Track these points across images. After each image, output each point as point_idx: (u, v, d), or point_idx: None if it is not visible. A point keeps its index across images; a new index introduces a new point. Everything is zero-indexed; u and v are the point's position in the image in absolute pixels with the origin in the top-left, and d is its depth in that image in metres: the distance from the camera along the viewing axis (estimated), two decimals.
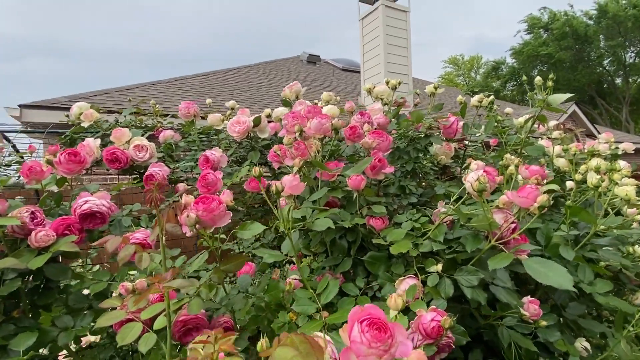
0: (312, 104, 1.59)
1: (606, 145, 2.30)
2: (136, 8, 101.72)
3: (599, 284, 1.03)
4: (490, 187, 0.76)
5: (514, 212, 0.72)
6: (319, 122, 0.87)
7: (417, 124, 1.10)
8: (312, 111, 1.07)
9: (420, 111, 1.15)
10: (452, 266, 0.75)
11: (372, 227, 0.84)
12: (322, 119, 0.86)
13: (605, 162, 1.10)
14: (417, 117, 1.07)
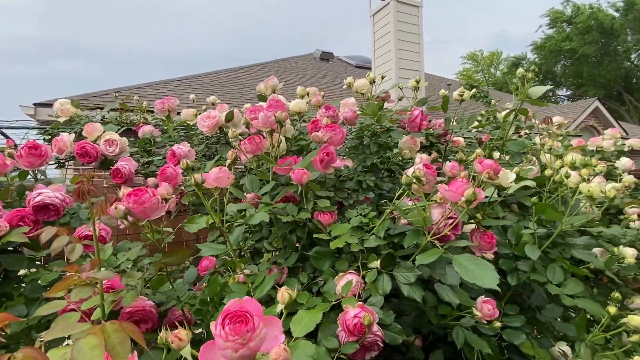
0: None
1: (611, 142, 2.19)
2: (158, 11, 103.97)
3: (570, 285, 0.97)
4: (429, 180, 0.73)
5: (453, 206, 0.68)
6: (265, 115, 0.85)
7: (374, 117, 1.06)
8: (274, 105, 1.05)
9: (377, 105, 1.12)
10: (391, 262, 0.73)
11: (319, 221, 0.83)
12: (268, 112, 0.85)
13: (581, 157, 1.04)
14: (373, 111, 1.04)
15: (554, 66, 22.71)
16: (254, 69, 9.25)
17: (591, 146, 2.20)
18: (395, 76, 7.69)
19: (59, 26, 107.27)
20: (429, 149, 1.43)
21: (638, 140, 2.20)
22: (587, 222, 0.92)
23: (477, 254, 1.02)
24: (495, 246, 1.03)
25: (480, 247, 1.02)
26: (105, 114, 1.76)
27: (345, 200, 0.94)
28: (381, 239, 0.74)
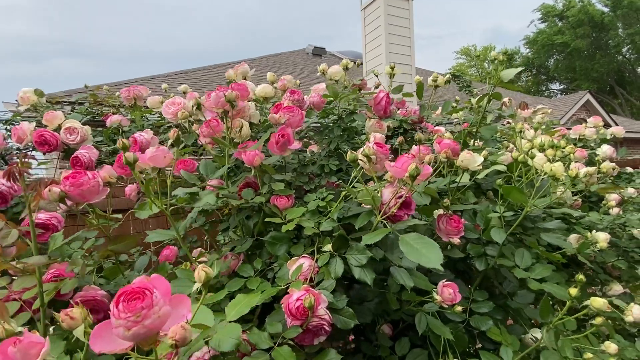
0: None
1: (593, 130, 2.18)
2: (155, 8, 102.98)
3: (538, 269, 0.95)
4: (380, 159, 0.70)
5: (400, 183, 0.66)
6: (216, 95, 0.82)
7: (335, 100, 1.03)
8: (238, 88, 1.02)
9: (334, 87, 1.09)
10: (343, 244, 0.70)
11: (276, 206, 0.80)
12: (219, 92, 0.82)
13: (550, 139, 1.02)
14: (333, 92, 1.01)
15: (547, 60, 22.77)
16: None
17: (574, 134, 2.19)
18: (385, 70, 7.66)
19: (56, 24, 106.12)
20: (404, 135, 1.40)
21: (621, 128, 2.19)
22: (555, 204, 0.90)
23: (444, 239, 1.01)
24: (463, 231, 1.01)
25: (447, 232, 1.00)
26: (76, 106, 1.71)
27: (307, 185, 0.91)
28: (334, 221, 0.71)
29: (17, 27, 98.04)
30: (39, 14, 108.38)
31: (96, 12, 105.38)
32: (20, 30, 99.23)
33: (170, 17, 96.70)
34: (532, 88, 24.76)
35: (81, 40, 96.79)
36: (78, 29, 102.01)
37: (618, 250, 1.69)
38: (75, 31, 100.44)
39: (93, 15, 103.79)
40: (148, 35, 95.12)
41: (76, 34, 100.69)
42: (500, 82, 1.24)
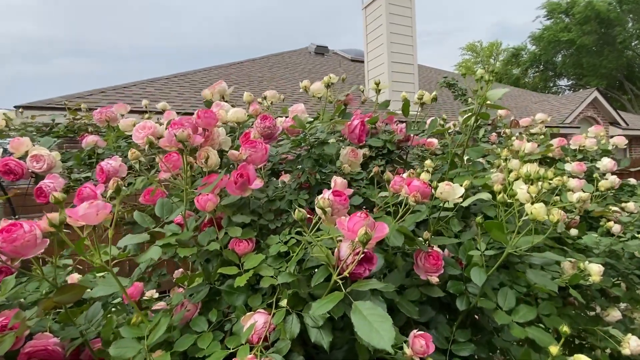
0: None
1: (593, 141, 2.10)
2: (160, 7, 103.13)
3: (522, 312, 0.89)
4: (337, 210, 0.64)
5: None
6: (168, 133, 0.77)
7: (303, 130, 0.97)
8: (203, 117, 0.97)
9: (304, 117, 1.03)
10: (299, 301, 0.64)
11: (234, 252, 0.74)
12: (172, 129, 0.76)
13: (537, 169, 0.95)
14: (300, 124, 0.94)
15: (554, 56, 22.40)
16: (246, 65, 9.11)
17: (574, 145, 2.10)
18: (388, 70, 7.56)
19: (61, 24, 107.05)
20: (387, 156, 1.34)
21: (623, 138, 2.10)
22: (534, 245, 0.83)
23: (422, 277, 0.95)
24: (443, 268, 0.95)
25: (425, 269, 0.94)
26: (58, 122, 1.67)
27: (273, 223, 0.85)
28: (292, 275, 0.66)
29: (22, 27, 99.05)
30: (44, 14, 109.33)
31: (101, 12, 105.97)
32: (25, 30, 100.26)
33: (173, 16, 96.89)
34: (539, 84, 24.40)
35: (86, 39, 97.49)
36: (83, 29, 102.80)
37: (617, 271, 1.61)
38: (80, 31, 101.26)
39: (98, 14, 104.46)
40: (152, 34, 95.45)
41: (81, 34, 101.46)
42: (486, 102, 1.17)
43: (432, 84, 11.71)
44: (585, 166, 1.81)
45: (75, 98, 5.08)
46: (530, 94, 13.44)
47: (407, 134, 1.41)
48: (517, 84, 22.88)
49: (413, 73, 7.86)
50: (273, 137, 1.03)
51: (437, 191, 0.95)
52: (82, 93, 5.21)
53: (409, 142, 1.42)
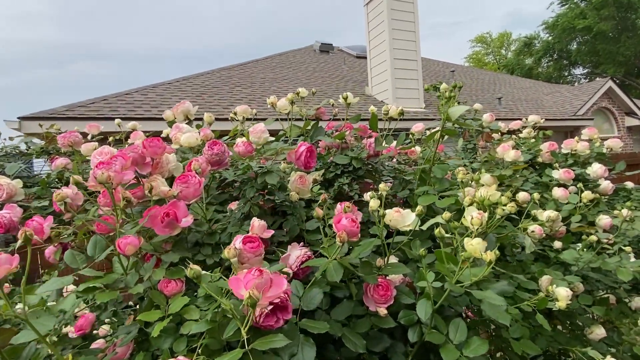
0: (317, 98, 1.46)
1: (586, 144, 2.01)
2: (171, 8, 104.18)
3: (474, 345, 0.85)
4: (246, 258, 0.61)
5: None
6: (92, 174, 0.75)
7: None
8: (150, 146, 0.95)
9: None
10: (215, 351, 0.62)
11: (162, 293, 0.72)
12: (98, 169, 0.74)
13: (494, 193, 0.90)
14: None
15: (569, 44, 21.69)
16: (249, 66, 9.12)
17: (565, 149, 2.02)
18: (391, 66, 7.45)
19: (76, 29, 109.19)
20: (353, 173, 1.31)
21: (617, 140, 2.00)
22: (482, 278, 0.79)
23: (371, 308, 0.92)
24: (392, 299, 0.91)
25: (374, 300, 0.91)
26: (35, 143, 1.69)
27: (211, 258, 0.83)
28: (209, 322, 0.64)
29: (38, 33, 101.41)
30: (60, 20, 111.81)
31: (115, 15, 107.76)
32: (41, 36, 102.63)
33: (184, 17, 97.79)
34: (553, 74, 23.70)
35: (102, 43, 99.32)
36: (98, 33, 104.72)
37: (603, 285, 1.54)
38: (96, 35, 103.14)
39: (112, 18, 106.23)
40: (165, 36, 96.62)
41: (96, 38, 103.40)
42: (449, 118, 1.13)
43: (440, 78, 11.50)
44: (574, 173, 1.73)
45: (77, 107, 5.16)
46: (542, 85, 13.07)
47: (376, 150, 1.37)
48: (530, 75, 22.29)
49: (417, 69, 7.73)
50: (223, 163, 1.01)
51: (386, 219, 0.92)
52: (84, 102, 5.29)
53: (377, 157, 1.38)
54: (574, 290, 1.43)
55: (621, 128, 10.57)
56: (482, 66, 25.69)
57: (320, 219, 0.77)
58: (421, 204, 1.18)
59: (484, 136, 1.71)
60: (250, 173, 0.95)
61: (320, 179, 1.01)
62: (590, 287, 1.58)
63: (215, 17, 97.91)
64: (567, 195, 1.57)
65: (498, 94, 10.00)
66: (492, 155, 1.80)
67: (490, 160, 1.82)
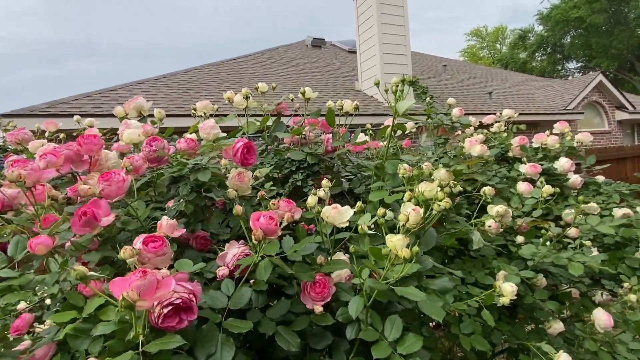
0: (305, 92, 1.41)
1: (556, 138, 2.00)
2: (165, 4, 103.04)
3: (408, 341, 0.84)
4: (148, 259, 0.60)
5: None
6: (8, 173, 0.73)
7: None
8: (85, 142, 0.93)
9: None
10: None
11: (81, 294, 0.71)
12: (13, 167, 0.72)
13: (433, 188, 0.89)
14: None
15: (563, 38, 21.69)
16: (239, 62, 9.05)
17: (536, 143, 2.01)
18: (380, 61, 7.42)
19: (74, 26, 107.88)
20: (308, 169, 1.29)
21: (587, 134, 1.99)
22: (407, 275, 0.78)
23: (308, 306, 0.91)
24: (330, 296, 0.90)
25: (312, 298, 0.90)
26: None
27: None
28: (117, 324, 0.62)
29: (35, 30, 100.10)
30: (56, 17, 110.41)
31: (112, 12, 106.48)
32: (38, 33, 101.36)
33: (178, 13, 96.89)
34: (547, 68, 23.72)
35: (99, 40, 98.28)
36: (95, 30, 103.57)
37: (566, 279, 1.54)
38: (91, 31, 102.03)
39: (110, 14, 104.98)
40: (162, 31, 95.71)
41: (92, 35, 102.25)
42: (397, 114, 1.11)
43: (432, 72, 11.46)
44: (541, 167, 1.72)
45: (59, 104, 5.10)
46: (534, 79, 13.08)
47: (333, 146, 1.36)
48: (524, 69, 22.31)
49: (406, 64, 7.70)
50: (163, 160, 0.99)
51: (323, 215, 0.91)
52: (67, 98, 5.22)
53: (335, 152, 1.37)
54: (537, 284, 1.44)
55: (612, 122, 10.61)
56: (476, 60, 25.67)
57: (239, 216, 0.75)
58: (372, 200, 1.17)
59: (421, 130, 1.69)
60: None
61: (261, 176, 0.99)
62: (553, 282, 1.58)
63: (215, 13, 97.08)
64: (531, 190, 1.56)
65: (490, 89, 9.99)
66: (460, 150, 1.79)
67: (459, 155, 1.81)
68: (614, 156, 6.78)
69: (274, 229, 0.72)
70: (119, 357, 0.53)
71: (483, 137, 2.03)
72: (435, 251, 1.31)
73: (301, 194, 1.29)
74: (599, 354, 1.19)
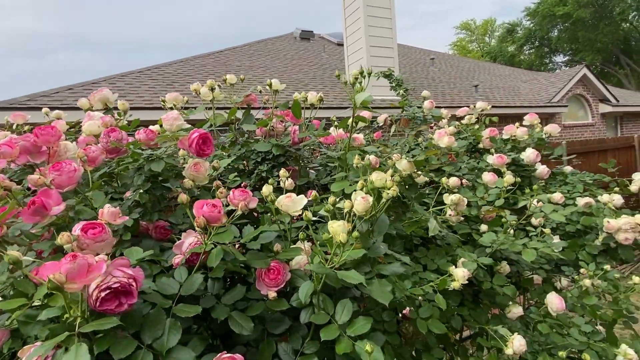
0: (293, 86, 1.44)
1: (524, 130, 2.05)
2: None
3: (358, 324, 0.88)
4: (85, 245, 0.62)
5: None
6: None
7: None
8: (41, 134, 0.93)
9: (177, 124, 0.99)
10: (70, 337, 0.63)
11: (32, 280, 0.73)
12: None
13: (384, 176, 0.92)
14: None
15: (550, 32, 21.89)
16: (226, 54, 8.97)
17: (506, 135, 2.05)
18: (366, 54, 7.42)
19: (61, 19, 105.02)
20: (273, 161, 1.31)
21: (555, 126, 2.04)
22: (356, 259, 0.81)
23: (262, 292, 0.94)
24: (283, 282, 0.93)
25: (266, 284, 0.93)
26: None
27: None
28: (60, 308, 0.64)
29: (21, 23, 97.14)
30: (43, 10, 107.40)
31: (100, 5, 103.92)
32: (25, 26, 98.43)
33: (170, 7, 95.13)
34: (535, 62, 23.95)
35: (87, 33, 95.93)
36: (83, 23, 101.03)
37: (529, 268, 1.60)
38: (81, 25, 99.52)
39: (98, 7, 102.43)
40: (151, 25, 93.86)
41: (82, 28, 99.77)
42: (357, 106, 1.13)
43: (420, 65, 11.50)
44: (507, 158, 1.77)
45: (40, 96, 5.02)
46: (521, 73, 13.21)
47: (299, 137, 1.38)
48: (512, 62, 22.50)
49: (393, 57, 7.71)
50: (121, 151, 1.00)
51: (277, 204, 0.93)
52: (48, 91, 5.13)
53: (300, 144, 1.39)
54: (500, 272, 1.49)
55: (595, 114, 10.79)
56: (465, 54, 25.78)
57: (185, 205, 0.77)
58: (334, 190, 1.20)
59: (401, 122, 1.73)
60: None
61: (219, 167, 1.01)
62: (517, 269, 1.64)
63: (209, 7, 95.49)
64: (496, 180, 1.60)
65: (476, 82, 10.07)
66: (430, 142, 1.82)
67: (430, 147, 1.85)
68: (596, 148, 6.92)
69: (217, 217, 0.74)
70: (55, 338, 0.55)
71: (454, 129, 2.08)
72: (398, 239, 1.35)
73: None
74: (551, 335, 1.25)
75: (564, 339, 1.24)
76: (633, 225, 1.52)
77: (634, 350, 1.25)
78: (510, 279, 1.66)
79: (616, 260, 1.73)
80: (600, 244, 1.63)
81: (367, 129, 2.02)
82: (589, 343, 1.28)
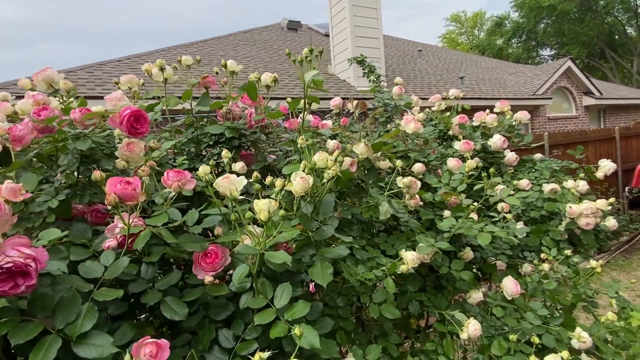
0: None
1: (494, 117, 2.04)
2: None
3: (296, 308, 0.85)
4: None
5: None
6: None
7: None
8: None
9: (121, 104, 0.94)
10: None
11: None
12: None
13: (325, 157, 0.89)
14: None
15: (537, 25, 22.02)
16: (209, 44, 8.80)
17: (476, 122, 2.04)
18: (352, 44, 7.35)
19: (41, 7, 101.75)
20: (226, 144, 1.27)
21: (525, 113, 2.04)
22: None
23: (199, 276, 0.90)
24: (221, 267, 0.90)
25: (202, 269, 0.89)
26: None
27: (14, 228, 0.79)
28: None
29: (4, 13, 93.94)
30: None
31: None
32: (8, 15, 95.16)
33: None
34: (522, 55, 24.11)
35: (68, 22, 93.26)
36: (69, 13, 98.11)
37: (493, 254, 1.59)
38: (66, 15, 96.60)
39: None
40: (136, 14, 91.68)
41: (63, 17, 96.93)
42: (307, 85, 1.10)
43: (407, 57, 11.46)
44: (474, 144, 1.76)
45: (12, 85, 4.85)
46: (507, 65, 13.28)
47: (255, 119, 1.34)
48: (500, 55, 22.61)
49: (379, 47, 7.66)
50: (54, 130, 0.95)
51: (215, 185, 0.89)
52: (16, 80, 4.96)
53: (256, 126, 1.35)
54: (464, 257, 1.48)
55: (579, 107, 10.93)
56: (455, 46, 25.82)
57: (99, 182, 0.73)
58: (285, 173, 1.17)
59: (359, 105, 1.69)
60: None
61: (158, 147, 0.96)
62: (480, 254, 1.63)
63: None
64: (460, 166, 1.59)
65: (462, 74, 10.10)
66: (397, 129, 1.80)
67: (398, 133, 1.82)
68: (577, 139, 7.01)
69: (131, 194, 0.70)
70: None
71: (424, 116, 2.06)
72: (357, 224, 1.33)
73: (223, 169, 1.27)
74: (505, 319, 1.24)
75: (519, 323, 1.23)
76: (594, 210, 1.53)
77: (588, 334, 1.26)
78: (475, 264, 1.66)
79: (581, 247, 1.75)
80: (564, 230, 1.63)
81: (337, 116, 1.98)
82: (546, 327, 1.28)
